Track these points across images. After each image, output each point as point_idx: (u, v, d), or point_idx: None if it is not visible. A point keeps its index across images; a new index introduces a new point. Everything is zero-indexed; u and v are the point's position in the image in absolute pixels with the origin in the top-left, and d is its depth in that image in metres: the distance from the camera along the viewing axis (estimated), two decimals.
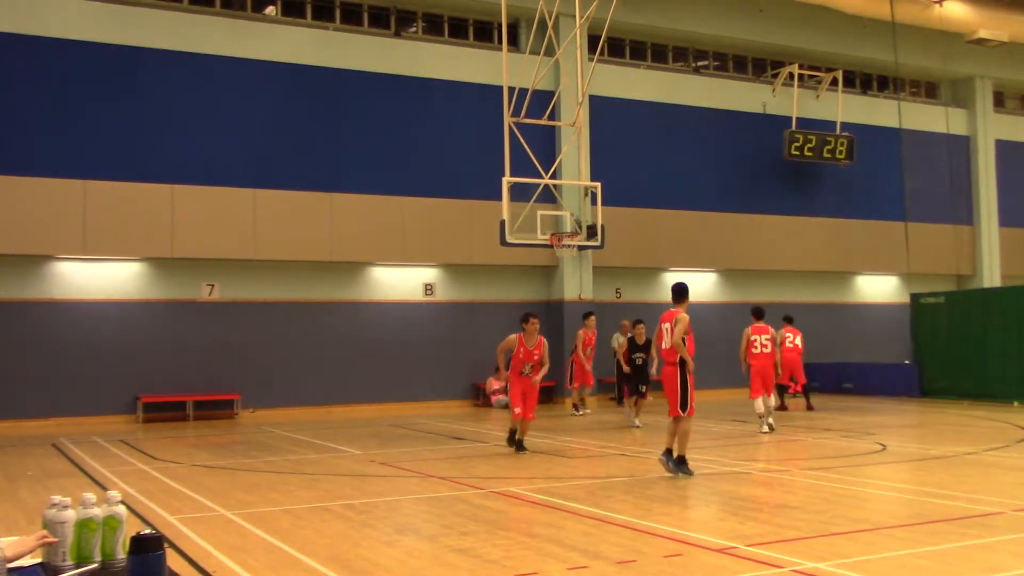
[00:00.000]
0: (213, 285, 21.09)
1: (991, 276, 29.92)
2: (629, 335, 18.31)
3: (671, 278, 26.06)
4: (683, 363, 11.27)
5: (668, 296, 26.29)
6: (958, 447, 13.92)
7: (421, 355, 22.72)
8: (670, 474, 11.02)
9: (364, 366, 22.16)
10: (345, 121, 22.11)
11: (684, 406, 11.10)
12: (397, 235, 22.34)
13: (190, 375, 20.54)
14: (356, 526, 8.56)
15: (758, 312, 17.45)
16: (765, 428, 16.02)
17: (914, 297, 25.49)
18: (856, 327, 28.07)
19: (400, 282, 22.98)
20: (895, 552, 7.15)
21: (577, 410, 20.78)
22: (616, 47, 25.31)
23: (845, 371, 25.69)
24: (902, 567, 6.70)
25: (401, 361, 22.49)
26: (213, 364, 20.78)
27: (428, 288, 23.22)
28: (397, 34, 23.24)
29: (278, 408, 21.05)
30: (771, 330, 17.09)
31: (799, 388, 21.98)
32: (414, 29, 23.68)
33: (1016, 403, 20.70)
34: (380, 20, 23.22)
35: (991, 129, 30.61)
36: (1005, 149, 30.74)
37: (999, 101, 31.49)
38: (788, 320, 20.88)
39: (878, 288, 29.24)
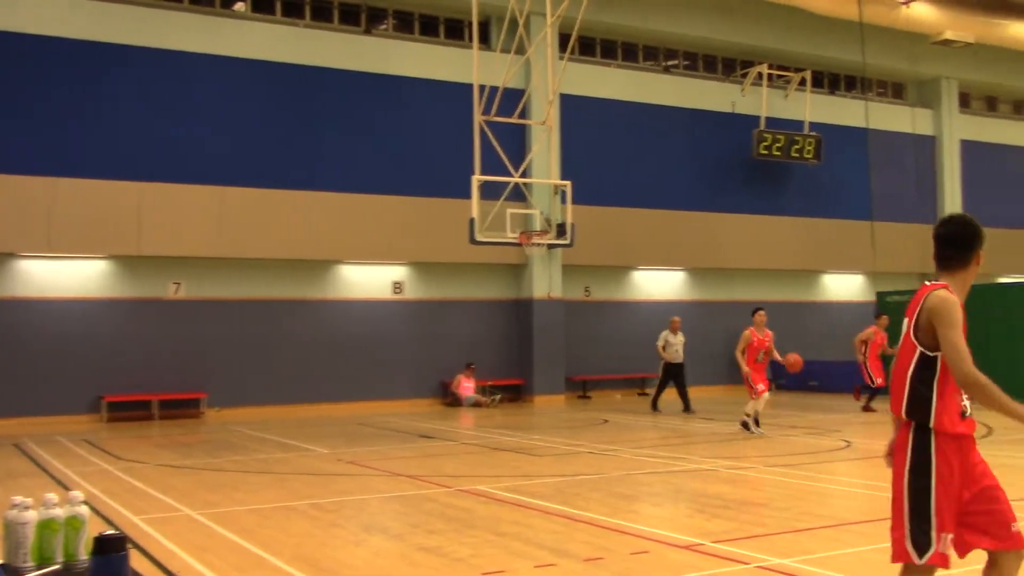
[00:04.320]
0: (179, 283, 20.92)
1: None
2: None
3: (640, 276, 26.25)
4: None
5: (637, 295, 26.61)
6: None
7: (389, 353, 22.66)
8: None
9: (332, 364, 22.06)
10: (314, 119, 22.00)
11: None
12: (366, 233, 22.27)
13: (155, 374, 20.35)
14: (323, 525, 8.54)
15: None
16: (759, 430, 15.39)
17: (880, 295, 25.74)
18: (823, 325, 28.30)
19: (369, 280, 22.91)
20: (858, 548, 7.24)
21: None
22: (587, 46, 25.36)
23: (811, 369, 25.84)
24: (864, 562, 6.78)
25: (369, 359, 22.42)
26: (179, 363, 20.61)
27: (397, 286, 23.17)
28: (367, 31, 23.16)
29: (245, 407, 20.91)
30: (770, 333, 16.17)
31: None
32: (384, 27, 23.60)
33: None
34: (350, 17, 23.12)
35: (956, 129, 30.95)
36: (970, 149, 31.10)
37: (964, 102, 31.84)
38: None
39: (844, 286, 29.50)
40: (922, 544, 4.22)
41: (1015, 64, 30.17)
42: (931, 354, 4.21)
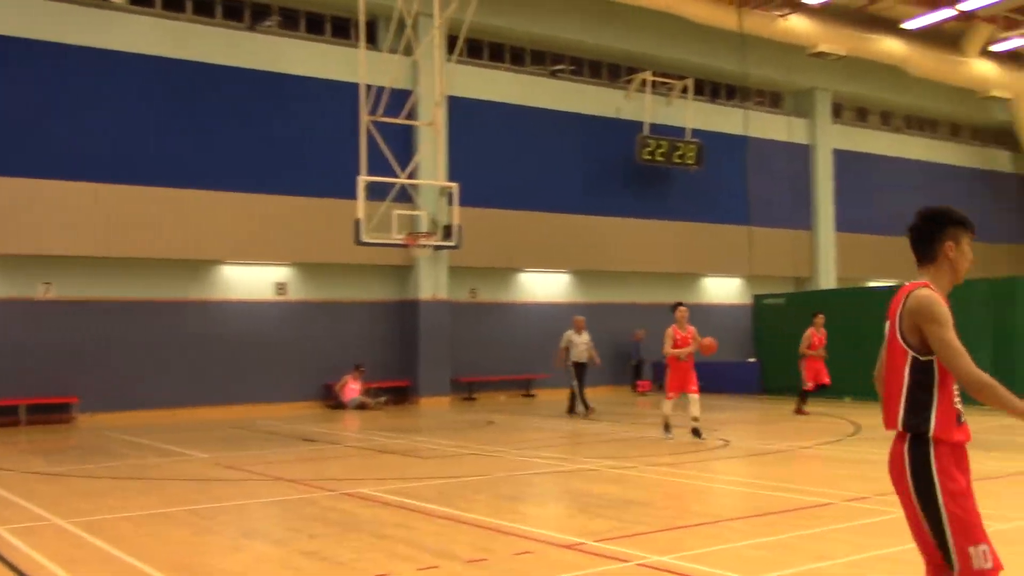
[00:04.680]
0: (50, 283, 20.10)
1: (827, 278, 31.42)
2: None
3: (526, 278, 26.43)
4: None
5: (523, 296, 26.74)
6: (795, 442, 14.56)
7: (272, 355, 22.24)
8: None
9: (213, 367, 21.54)
10: (195, 115, 21.43)
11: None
12: (248, 233, 21.82)
13: (23, 378, 19.48)
14: (200, 532, 8.32)
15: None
16: (672, 434, 14.93)
17: (757, 298, 26.53)
18: (703, 327, 28.76)
19: (251, 281, 22.44)
20: (734, 544, 7.43)
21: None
22: (475, 48, 25.41)
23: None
24: (740, 558, 6.96)
25: (251, 362, 21.97)
26: (49, 366, 19.78)
27: (280, 287, 22.77)
28: (252, 28, 22.69)
29: (120, 412, 20.22)
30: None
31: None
32: (269, 23, 23.16)
33: (848, 399, 21.79)
34: (234, 13, 22.62)
35: (829, 139, 32.14)
36: (842, 158, 32.33)
37: (837, 112, 33.08)
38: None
39: (723, 289, 30.29)
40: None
41: (884, 77, 31.51)
42: (924, 358, 3.88)
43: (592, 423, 18.18)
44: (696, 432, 14.68)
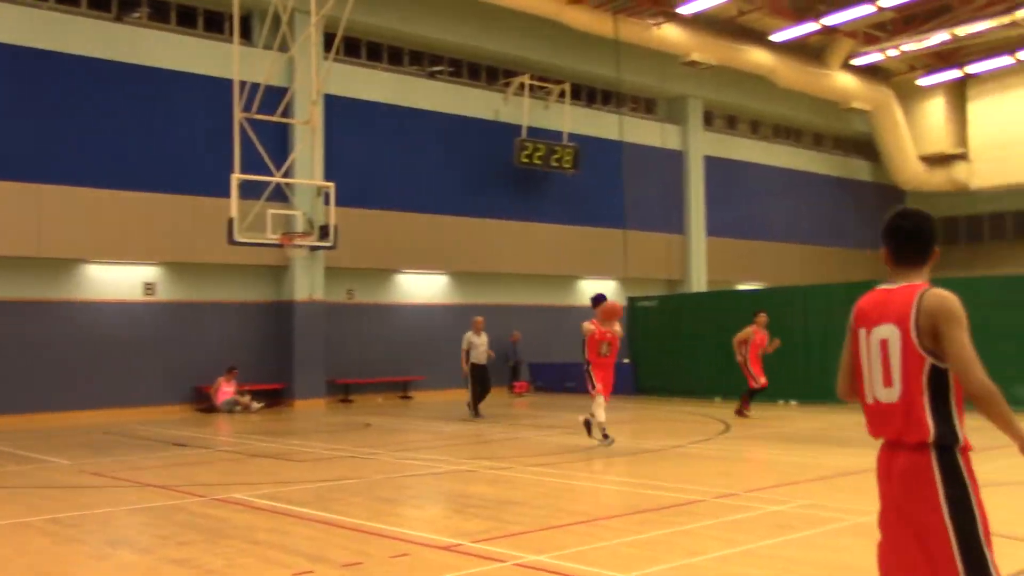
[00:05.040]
0: None
1: (698, 281, 32.29)
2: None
3: (404, 280, 26.30)
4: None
5: (401, 297, 26.59)
6: (667, 441, 14.91)
7: (140, 358, 21.52)
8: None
9: (77, 370, 20.70)
10: (57, 108, 20.55)
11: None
12: (114, 231, 21.07)
13: None
14: (62, 541, 7.99)
15: (599, 300, 14.66)
16: (603, 437, 13.91)
17: (631, 300, 27.03)
18: (579, 329, 29.30)
19: (118, 281, 21.66)
20: (608, 542, 7.56)
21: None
22: (352, 47, 25.14)
23: (568, 371, 26.84)
24: (614, 555, 7.09)
25: (119, 364, 21.20)
26: None
27: (148, 287, 22.05)
28: (119, 18, 21.91)
29: None
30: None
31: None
32: (138, 15, 22.40)
33: (718, 399, 22.44)
34: (100, 2, 21.80)
35: (701, 145, 33.04)
36: (712, 164, 33.27)
37: (709, 120, 34.04)
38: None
39: (598, 291, 30.69)
40: None
41: (753, 87, 32.59)
42: (943, 365, 3.60)
43: (471, 424, 18.21)
44: (591, 428, 14.01)
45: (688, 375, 23.93)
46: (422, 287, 26.62)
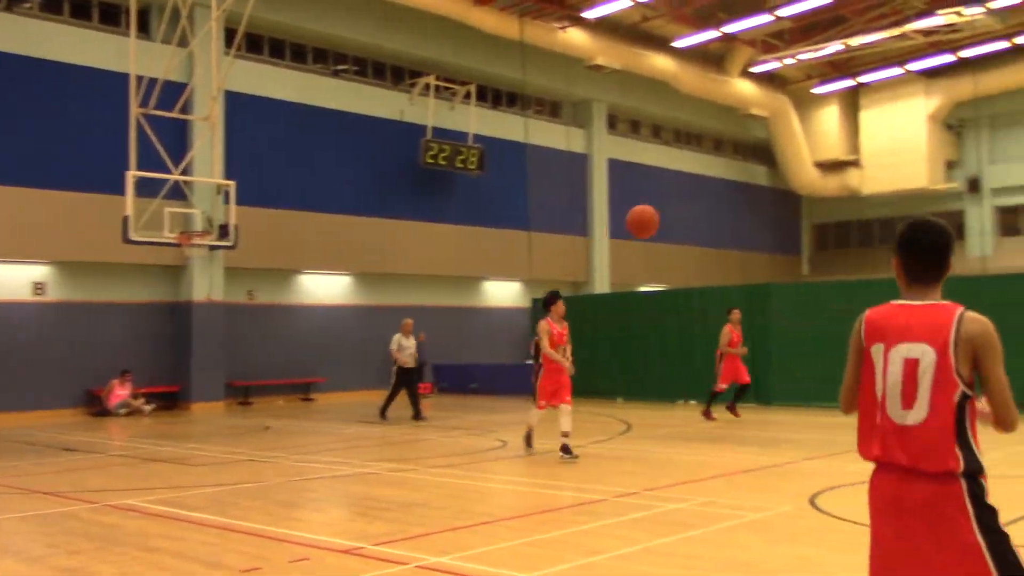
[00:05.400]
0: None
1: (601, 283, 32.65)
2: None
3: (306, 280, 25.95)
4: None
5: (303, 298, 26.24)
6: (570, 441, 14.98)
7: (29, 360, 20.73)
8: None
9: None
10: None
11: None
12: (1, 228, 20.26)
13: None
14: None
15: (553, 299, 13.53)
16: (533, 449, 13.13)
17: (535, 301, 27.15)
18: (483, 330, 29.47)
19: (5, 280, 20.84)
20: (511, 542, 7.57)
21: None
22: (254, 43, 24.69)
23: (472, 372, 26.88)
24: (516, 556, 7.10)
25: (5, 367, 20.39)
26: None
27: (38, 287, 21.27)
28: (8, 8, 21.07)
29: None
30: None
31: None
32: (29, 5, 21.58)
33: (620, 399, 22.72)
34: None
35: (605, 149, 33.41)
36: (616, 168, 33.68)
37: (613, 124, 34.45)
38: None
39: (503, 293, 30.87)
40: None
41: (655, 92, 33.10)
42: (971, 393, 3.40)
43: (374, 426, 18.06)
44: (566, 449, 12.29)
45: (591, 376, 24.12)
46: (324, 288, 26.30)
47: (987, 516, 3.33)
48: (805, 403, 19.22)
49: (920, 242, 3.59)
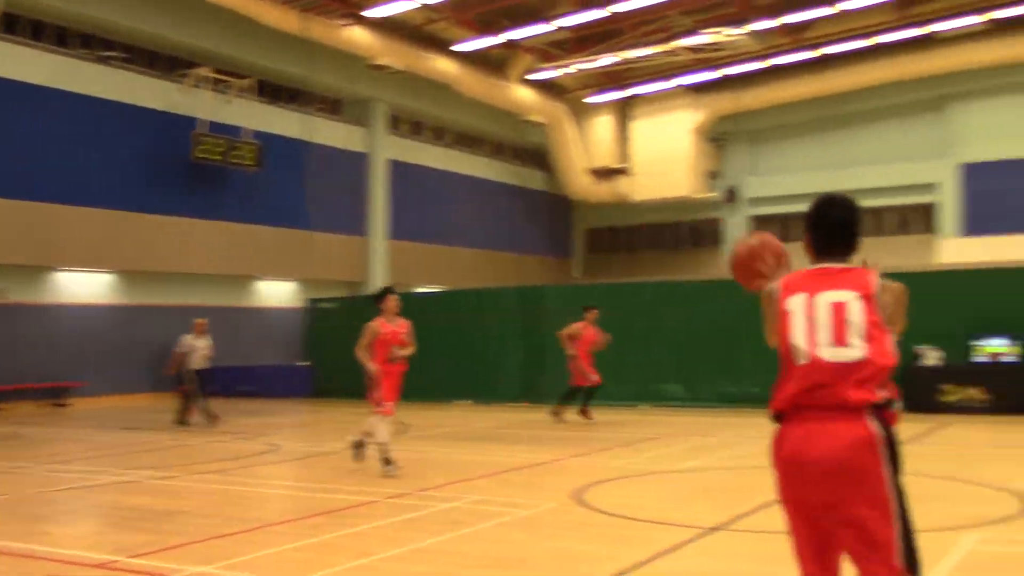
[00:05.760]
0: None
1: (380, 283, 32.47)
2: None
3: (63, 278, 24.36)
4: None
5: (59, 297, 24.62)
6: (343, 443, 14.82)
7: None
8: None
9: None
10: None
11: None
12: None
13: None
14: None
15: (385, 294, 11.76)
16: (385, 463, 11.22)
17: (312, 301, 26.73)
18: (257, 330, 28.63)
19: None
20: (279, 548, 7.37)
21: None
22: (10, 23, 22.91)
23: (244, 374, 26.08)
24: (284, 561, 6.93)
25: None
26: None
27: None
28: None
29: None
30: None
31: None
32: None
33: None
34: None
35: (385, 149, 33.23)
36: (396, 168, 33.58)
37: (394, 124, 34.32)
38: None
39: (278, 292, 30.11)
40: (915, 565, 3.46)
41: (437, 94, 33.27)
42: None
43: (135, 433, 17.17)
44: (360, 455, 11.74)
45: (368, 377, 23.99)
46: (84, 286, 24.73)
47: (894, 460, 3.44)
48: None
49: (829, 217, 3.70)
